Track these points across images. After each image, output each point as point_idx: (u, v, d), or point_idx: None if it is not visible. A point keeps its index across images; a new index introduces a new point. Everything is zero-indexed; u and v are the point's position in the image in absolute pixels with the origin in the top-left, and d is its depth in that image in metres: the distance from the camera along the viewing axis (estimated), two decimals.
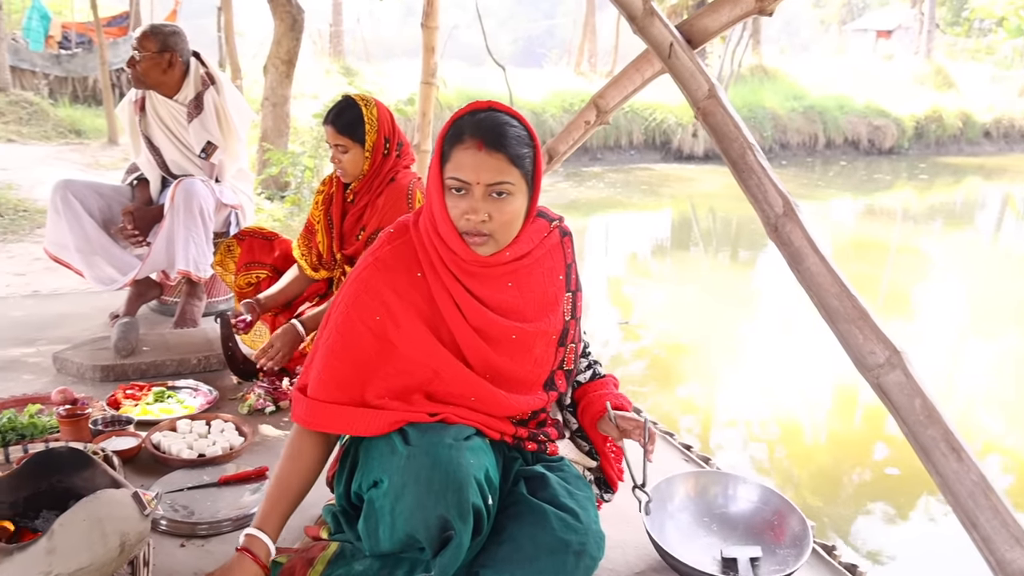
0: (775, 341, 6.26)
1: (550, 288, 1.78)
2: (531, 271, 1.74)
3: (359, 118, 2.68)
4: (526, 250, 1.71)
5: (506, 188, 1.56)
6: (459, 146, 1.56)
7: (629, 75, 2.72)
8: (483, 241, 1.58)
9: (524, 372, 1.76)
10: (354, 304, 1.65)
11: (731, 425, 4.66)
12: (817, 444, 4.43)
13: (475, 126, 1.56)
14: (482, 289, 1.68)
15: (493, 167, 1.54)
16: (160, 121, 3.40)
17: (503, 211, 1.57)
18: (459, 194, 1.57)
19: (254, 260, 3.12)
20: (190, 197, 3.17)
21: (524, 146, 1.59)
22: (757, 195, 2.02)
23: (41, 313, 3.71)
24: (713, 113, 2.17)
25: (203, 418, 2.57)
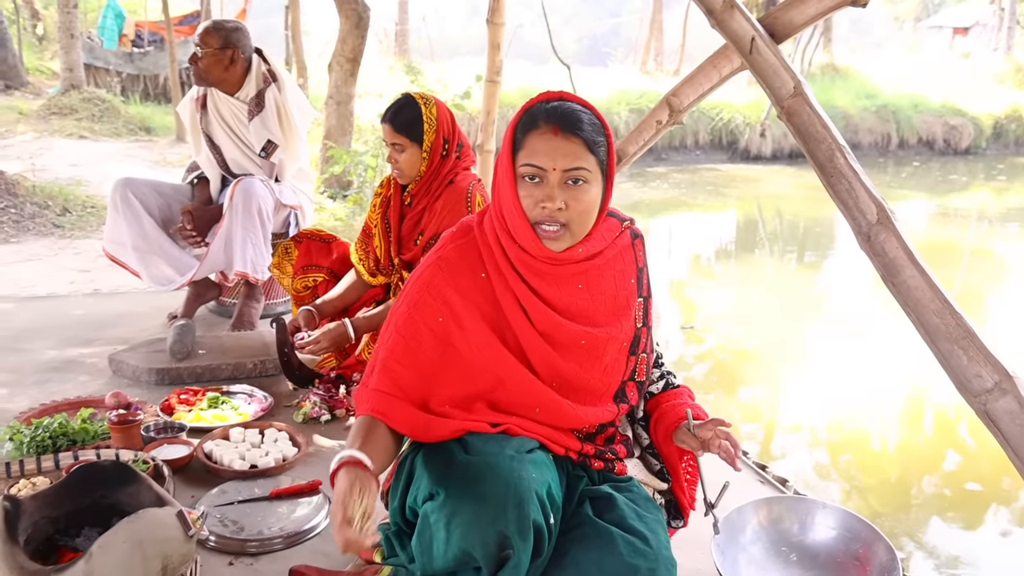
0: (841, 345, 6.04)
1: (621, 292, 1.68)
2: (602, 273, 1.65)
3: (418, 117, 2.58)
4: (598, 249, 1.62)
5: (583, 175, 1.49)
6: (534, 132, 1.50)
7: (705, 72, 2.56)
8: (558, 234, 1.51)
9: (593, 381, 1.65)
10: (416, 305, 1.58)
11: (795, 431, 4.50)
12: (884, 452, 4.24)
13: (549, 112, 1.50)
14: (550, 290, 1.59)
15: (570, 152, 1.48)
16: (221, 119, 3.35)
17: (580, 199, 1.50)
18: (533, 182, 1.50)
19: (311, 263, 3.05)
20: (249, 197, 3.11)
21: (599, 134, 1.53)
22: (847, 201, 1.85)
23: (101, 312, 3.71)
24: (798, 112, 2.01)
25: (256, 426, 2.50)
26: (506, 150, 1.55)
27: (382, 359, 1.57)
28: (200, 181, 3.47)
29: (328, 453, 2.47)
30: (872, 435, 4.46)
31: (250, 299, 3.47)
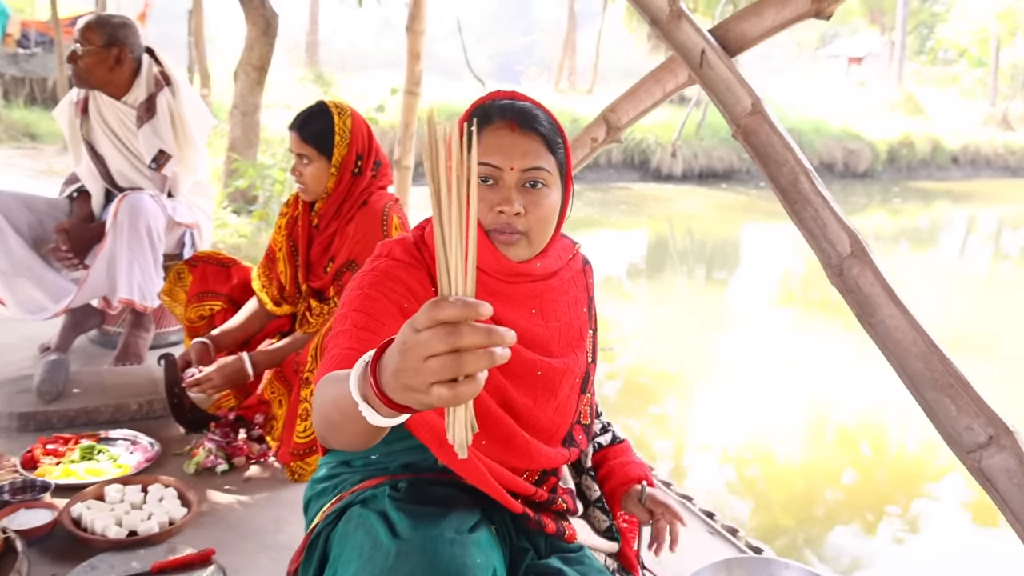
0: (749, 362, 6.17)
1: (575, 320, 1.48)
2: (556, 297, 1.45)
3: (329, 127, 2.31)
4: (555, 267, 1.43)
5: (542, 177, 1.33)
6: (487, 128, 1.33)
7: (647, 87, 2.36)
8: (515, 240, 1.32)
9: (545, 419, 1.43)
10: (378, 286, 1.32)
11: (705, 448, 4.56)
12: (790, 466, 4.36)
13: (504, 108, 1.34)
14: (504, 313, 1.37)
15: (529, 150, 1.32)
16: (105, 125, 2.98)
17: (540, 204, 1.33)
18: (487, 185, 1.32)
19: (207, 290, 2.71)
20: (136, 214, 2.76)
21: (557, 134, 1.37)
22: (814, 230, 1.66)
23: None
24: (756, 132, 1.82)
25: (139, 482, 2.15)
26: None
27: (344, 331, 1.27)
28: (80, 195, 3.08)
29: (225, 512, 2.14)
30: (778, 450, 4.54)
31: (137, 329, 3.10)
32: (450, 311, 0.77)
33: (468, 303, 0.77)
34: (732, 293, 9.05)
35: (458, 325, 0.77)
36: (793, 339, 6.91)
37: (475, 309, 0.77)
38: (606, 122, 2.54)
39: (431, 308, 0.78)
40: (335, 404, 1.00)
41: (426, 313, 0.78)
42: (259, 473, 2.37)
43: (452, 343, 0.77)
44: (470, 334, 0.77)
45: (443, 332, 0.77)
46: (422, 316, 0.79)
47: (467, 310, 0.77)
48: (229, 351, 2.57)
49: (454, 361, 0.77)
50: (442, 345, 0.77)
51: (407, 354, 0.80)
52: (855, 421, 5.01)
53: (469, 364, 0.77)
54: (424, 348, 0.78)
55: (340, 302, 1.34)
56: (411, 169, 3.93)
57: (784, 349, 6.54)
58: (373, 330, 1.25)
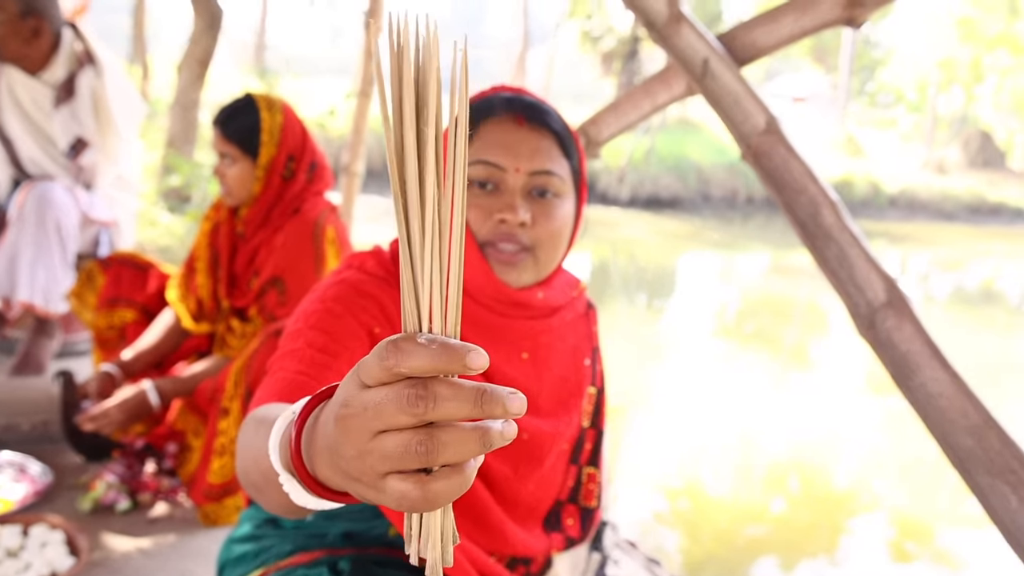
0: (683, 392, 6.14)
1: (573, 373, 1.20)
2: (554, 342, 1.17)
3: (255, 124, 2.02)
4: (558, 303, 1.16)
5: (553, 184, 1.08)
6: (489, 121, 1.08)
7: (635, 100, 2.13)
8: (518, 258, 1.07)
9: (526, 493, 1.15)
10: (343, 301, 1.02)
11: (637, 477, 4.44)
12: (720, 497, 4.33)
13: (511, 100, 1.10)
14: (489, 353, 1.05)
15: (539, 148, 1.07)
16: (17, 105, 2.63)
17: (551, 216, 1.08)
18: (486, 190, 1.07)
19: (120, 296, 2.37)
20: (44, 206, 2.41)
21: (570, 136, 1.12)
22: (839, 273, 1.43)
23: None
24: (770, 154, 1.59)
25: (19, 520, 1.81)
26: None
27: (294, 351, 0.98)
28: None
29: (121, 563, 1.81)
30: (709, 482, 4.52)
31: (40, 335, 2.73)
32: (419, 359, 0.47)
33: (449, 347, 0.48)
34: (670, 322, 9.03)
35: (431, 383, 0.48)
36: (727, 371, 6.88)
37: (459, 357, 0.48)
38: (585, 136, 2.29)
39: (389, 352, 0.48)
40: (255, 461, 0.70)
41: (378, 362, 0.48)
42: (167, 513, 2.04)
43: (420, 412, 0.47)
44: (450, 399, 0.47)
45: (407, 393, 0.47)
46: (374, 363, 0.48)
47: (446, 358, 0.47)
48: (140, 375, 2.24)
49: (424, 443, 0.47)
50: (404, 414, 0.47)
51: (348, 423, 0.49)
52: (785, 455, 4.99)
53: (449, 449, 0.47)
54: (375, 417, 0.48)
55: (293, 317, 1.04)
56: (360, 176, 3.63)
57: (718, 381, 6.50)
58: (333, 353, 0.96)
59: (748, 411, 5.65)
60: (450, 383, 0.48)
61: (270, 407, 0.79)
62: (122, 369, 2.16)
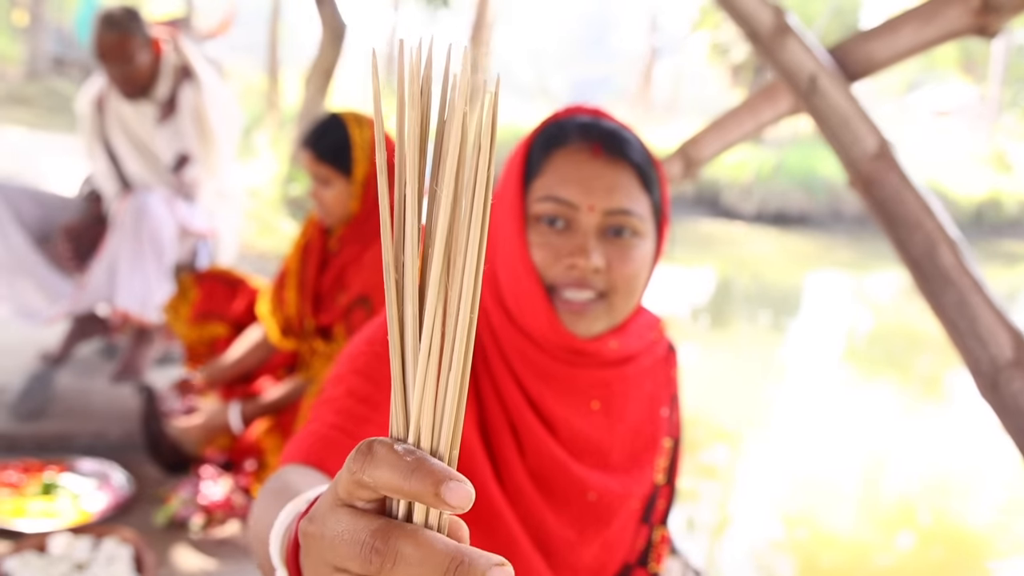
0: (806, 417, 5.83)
1: (647, 425, 1.07)
2: (628, 389, 1.04)
3: (346, 141, 1.96)
4: (634, 350, 1.03)
5: (632, 223, 0.95)
6: (562, 150, 0.96)
7: (738, 118, 1.97)
8: (589, 308, 0.95)
9: (589, 557, 1.02)
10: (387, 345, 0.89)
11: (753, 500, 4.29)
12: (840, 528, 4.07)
13: (586, 127, 0.97)
14: (556, 406, 0.99)
15: (617, 184, 0.94)
16: (123, 123, 2.70)
17: (628, 258, 0.95)
18: (555, 228, 0.95)
19: (212, 310, 2.39)
20: (140, 217, 2.46)
21: (653, 166, 0.99)
22: (958, 322, 1.24)
23: None
24: (881, 183, 1.41)
25: (94, 531, 1.82)
26: (513, 179, 0.97)
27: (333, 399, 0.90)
28: (94, 194, 2.80)
29: None
30: (830, 511, 4.24)
31: (140, 343, 2.79)
32: (385, 471, 0.38)
33: (425, 467, 0.38)
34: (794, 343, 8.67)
35: (396, 536, 0.38)
36: (854, 397, 6.52)
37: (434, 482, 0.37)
38: (685, 157, 2.15)
39: (357, 455, 0.39)
40: (262, 545, 0.61)
41: (347, 466, 0.39)
42: (238, 534, 2.01)
43: (374, 570, 0.37)
44: (413, 564, 0.37)
45: (363, 540, 0.38)
46: (342, 472, 0.39)
47: (419, 480, 0.37)
48: (226, 387, 2.24)
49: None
50: (354, 563, 0.38)
51: (309, 544, 0.41)
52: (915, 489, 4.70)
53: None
54: (330, 549, 0.39)
55: (340, 357, 0.97)
56: None
57: (844, 407, 6.17)
58: (374, 404, 0.87)
59: (875, 441, 5.34)
60: (420, 541, 0.38)
61: (293, 473, 0.74)
62: (208, 378, 2.17)
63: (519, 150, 0.99)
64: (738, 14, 1.78)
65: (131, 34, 2.57)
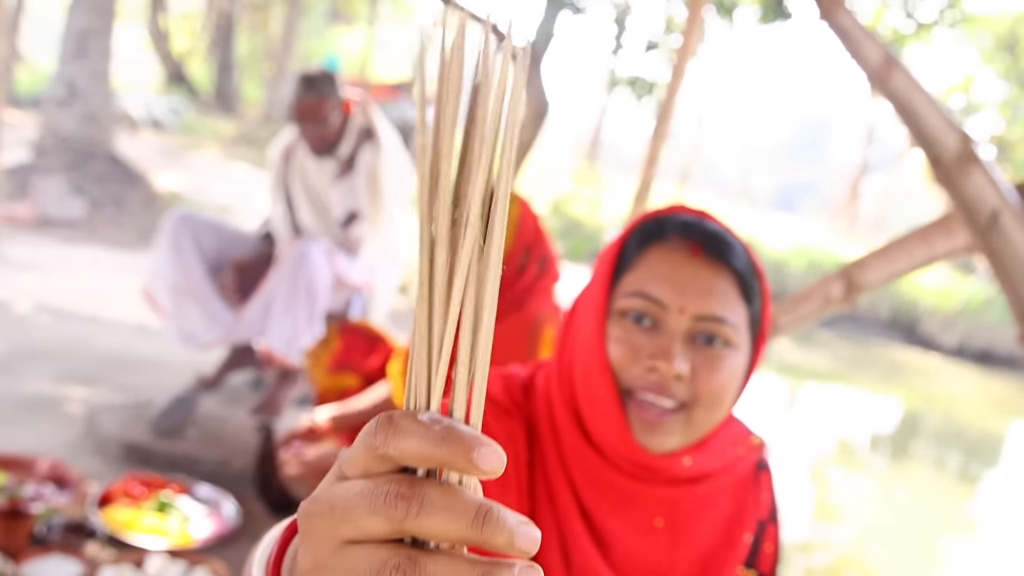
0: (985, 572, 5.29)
1: (721, 549, 0.95)
2: (699, 510, 0.94)
3: None
4: (712, 466, 0.93)
5: (726, 333, 0.88)
6: (657, 246, 0.91)
7: (909, 246, 1.81)
8: (666, 419, 0.86)
9: None
10: None
11: None
12: None
13: (688, 226, 0.91)
14: (613, 521, 0.91)
15: (713, 289, 0.88)
16: (303, 176, 2.87)
17: (716, 369, 0.87)
18: (640, 326, 0.88)
19: (349, 362, 2.44)
20: (299, 264, 2.58)
21: (755, 275, 0.92)
22: None
23: (129, 349, 3.27)
24: None
25: (190, 558, 1.87)
26: (603, 272, 0.92)
27: None
28: (269, 235, 2.99)
29: None
30: None
31: (284, 382, 2.90)
32: (414, 440, 0.35)
33: (455, 433, 0.35)
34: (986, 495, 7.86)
35: (422, 483, 0.35)
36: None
37: (466, 448, 0.35)
38: (847, 279, 1.99)
39: (379, 427, 0.36)
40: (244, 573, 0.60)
41: (363, 440, 0.37)
42: None
43: (399, 516, 0.34)
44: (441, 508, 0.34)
45: (386, 489, 0.35)
46: (359, 442, 0.37)
47: (449, 446, 0.35)
48: (349, 435, 2.27)
49: (403, 567, 0.34)
50: (377, 516, 0.35)
51: (311, 525, 0.37)
52: None
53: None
54: (343, 517, 0.35)
55: None
56: None
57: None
58: None
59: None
60: (446, 488, 0.35)
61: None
62: (334, 422, 2.20)
63: (614, 243, 0.94)
64: (922, 135, 1.64)
65: (326, 96, 2.74)
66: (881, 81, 1.74)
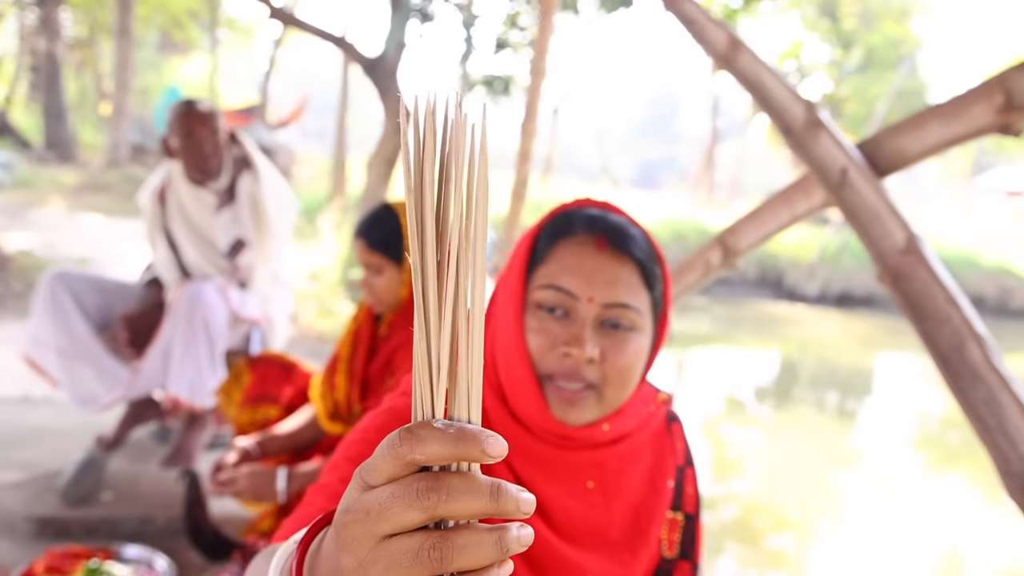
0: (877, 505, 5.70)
1: (649, 498, 1.06)
2: (625, 465, 1.05)
3: (396, 230, 2.03)
4: (628, 429, 1.04)
5: (630, 318, 0.98)
6: (566, 241, 1.00)
7: (774, 208, 1.98)
8: (580, 396, 0.97)
9: None
10: (385, 432, 0.96)
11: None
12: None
13: (593, 219, 1.01)
14: (548, 488, 1.00)
15: (618, 278, 0.98)
16: (183, 213, 2.83)
17: (623, 351, 0.98)
18: (553, 315, 0.98)
19: (265, 394, 2.44)
20: (193, 305, 2.55)
21: (656, 262, 1.03)
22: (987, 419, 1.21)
23: (19, 424, 3.12)
24: (910, 277, 1.39)
25: None
26: (517, 264, 1.01)
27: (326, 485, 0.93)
28: (154, 282, 2.92)
29: None
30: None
31: (192, 428, 2.86)
32: (436, 445, 0.43)
33: (467, 432, 0.44)
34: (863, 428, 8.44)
35: (443, 474, 0.44)
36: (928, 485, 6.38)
37: (478, 443, 0.44)
38: (723, 245, 2.16)
39: (398, 442, 0.44)
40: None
41: (388, 451, 0.44)
42: None
43: (431, 505, 0.42)
44: (464, 492, 0.43)
45: (416, 487, 0.43)
46: (381, 459, 0.44)
47: (465, 444, 0.43)
48: (276, 459, 2.27)
49: (438, 546, 0.42)
50: (413, 510, 0.43)
51: (349, 531, 0.44)
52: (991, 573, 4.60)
53: (464, 554, 0.43)
54: (379, 517, 0.43)
55: (338, 444, 1.00)
56: None
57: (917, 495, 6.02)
58: None
59: (952, 532, 5.20)
60: (463, 475, 0.44)
61: (276, 547, 0.74)
62: (260, 447, 2.20)
63: (526, 237, 1.03)
64: (771, 108, 1.81)
65: (206, 122, 2.72)
66: (728, 62, 1.90)
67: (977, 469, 6.86)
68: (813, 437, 7.42)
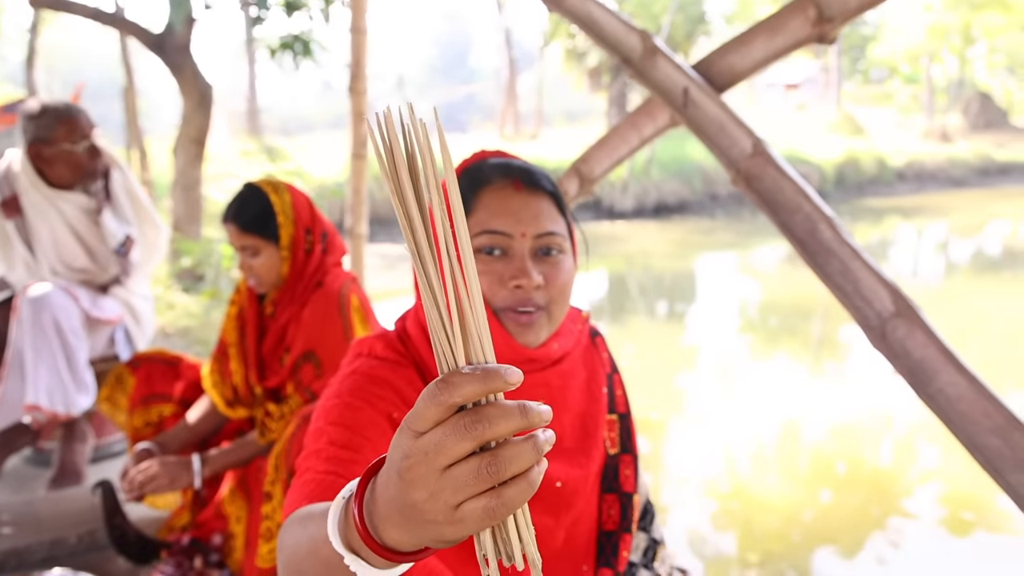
0: (717, 393, 6.18)
1: (591, 407, 1.22)
2: (567, 381, 1.19)
3: (268, 208, 2.05)
4: (569, 347, 1.19)
5: (557, 242, 1.12)
6: (486, 189, 1.12)
7: (622, 134, 2.15)
8: (535, 319, 1.10)
9: (558, 541, 1.16)
10: (359, 392, 1.06)
11: (684, 483, 4.53)
12: (769, 493, 4.36)
13: (503, 166, 1.14)
14: None
15: (540, 211, 1.11)
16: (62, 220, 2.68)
17: (560, 273, 1.12)
18: (494, 256, 1.10)
19: (153, 393, 2.40)
20: (39, 308, 2.44)
21: (560, 193, 1.18)
22: (844, 287, 1.44)
23: None
24: (760, 177, 1.60)
25: None
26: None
27: (317, 450, 1.00)
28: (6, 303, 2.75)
29: None
30: (757, 479, 4.55)
31: (72, 442, 2.75)
32: (470, 385, 0.55)
33: (490, 370, 0.55)
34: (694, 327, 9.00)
35: (479, 408, 0.55)
36: (759, 367, 6.90)
37: (501, 376, 0.55)
38: (578, 175, 2.32)
39: (438, 392, 0.55)
40: (312, 555, 0.72)
41: (431, 402, 0.55)
42: None
43: (479, 434, 0.54)
44: (500, 416, 0.55)
45: (463, 423, 0.55)
46: (425, 409, 0.55)
47: (491, 379, 0.55)
48: (181, 454, 2.26)
49: (492, 463, 0.55)
50: (465, 441, 0.55)
51: (414, 472, 0.56)
52: (828, 442, 5.07)
53: (512, 462, 0.55)
54: (438, 455, 0.55)
55: (314, 414, 1.07)
56: (365, 237, 3.67)
57: (751, 378, 6.52)
58: (355, 448, 0.98)
59: (785, 404, 5.69)
60: (494, 404, 0.55)
61: (307, 509, 0.81)
62: (160, 447, 2.18)
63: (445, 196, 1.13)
64: (607, 41, 1.96)
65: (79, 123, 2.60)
66: (557, 3, 2.03)
67: (798, 345, 7.59)
68: (650, 344, 7.87)
